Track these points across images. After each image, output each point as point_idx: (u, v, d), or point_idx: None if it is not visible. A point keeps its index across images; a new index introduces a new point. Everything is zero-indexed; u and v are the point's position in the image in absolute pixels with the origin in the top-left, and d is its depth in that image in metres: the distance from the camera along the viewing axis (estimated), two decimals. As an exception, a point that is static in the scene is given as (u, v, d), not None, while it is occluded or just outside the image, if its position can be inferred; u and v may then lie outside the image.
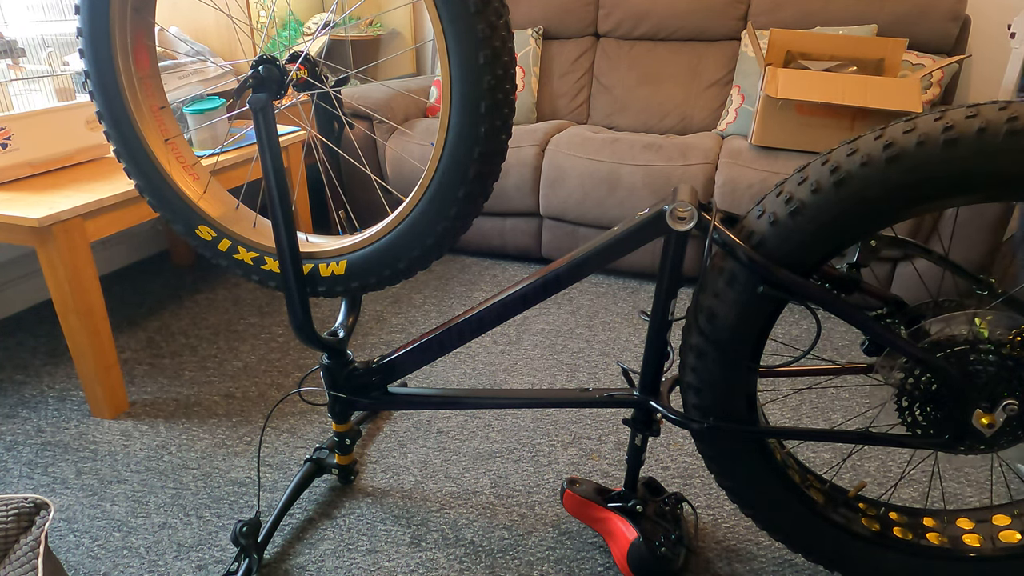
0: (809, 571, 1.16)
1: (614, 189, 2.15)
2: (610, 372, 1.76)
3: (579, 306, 2.12)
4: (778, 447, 1.03)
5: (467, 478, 1.38)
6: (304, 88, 0.99)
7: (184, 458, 1.43)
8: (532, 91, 2.66)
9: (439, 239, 0.96)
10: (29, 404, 1.61)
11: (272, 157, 0.97)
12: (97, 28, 0.98)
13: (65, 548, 1.20)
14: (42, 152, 1.57)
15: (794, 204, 0.83)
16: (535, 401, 1.13)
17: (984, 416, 0.85)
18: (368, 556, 1.18)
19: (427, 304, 2.13)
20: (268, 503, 1.31)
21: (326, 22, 2.57)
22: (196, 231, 1.10)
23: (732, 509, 1.29)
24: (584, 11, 2.69)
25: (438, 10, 0.82)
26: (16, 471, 1.39)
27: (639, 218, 0.94)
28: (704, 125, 2.54)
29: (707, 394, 0.97)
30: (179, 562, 1.17)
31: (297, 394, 1.63)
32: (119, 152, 1.08)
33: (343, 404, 1.20)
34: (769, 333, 0.94)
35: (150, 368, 1.76)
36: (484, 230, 2.43)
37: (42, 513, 0.88)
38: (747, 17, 2.51)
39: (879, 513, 1.04)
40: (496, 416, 1.57)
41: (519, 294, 1.02)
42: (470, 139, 0.87)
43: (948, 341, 0.84)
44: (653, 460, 1.43)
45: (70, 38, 2.03)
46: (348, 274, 1.04)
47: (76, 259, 1.41)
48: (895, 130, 0.78)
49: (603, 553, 1.19)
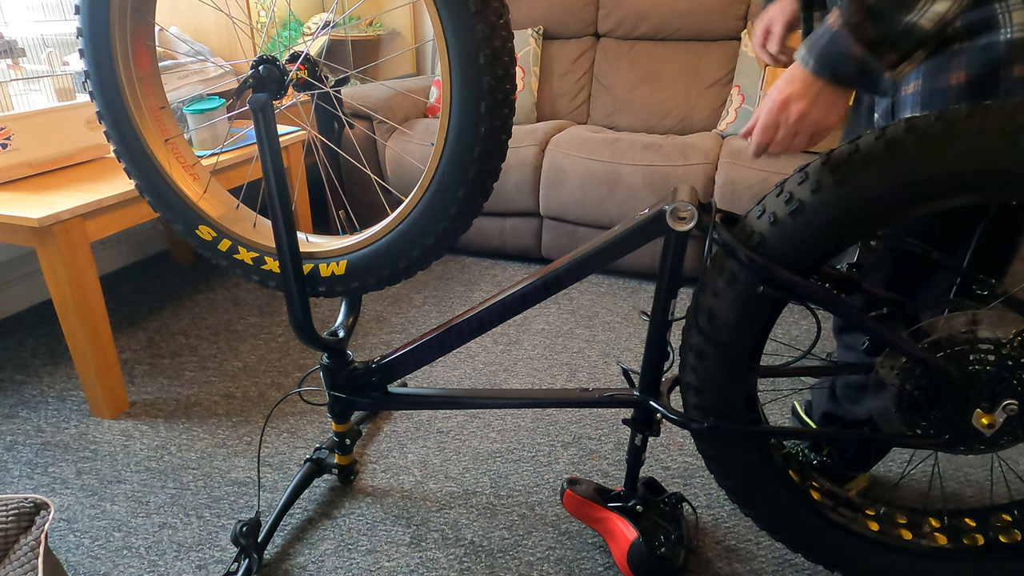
0: (809, 571, 1.16)
1: (614, 189, 2.15)
2: (610, 372, 1.76)
3: (579, 306, 2.12)
4: (778, 447, 1.03)
5: (467, 478, 1.38)
6: (304, 88, 0.99)
7: (184, 458, 1.43)
8: (532, 91, 2.66)
9: (439, 239, 0.96)
10: (29, 404, 1.61)
11: (272, 157, 0.97)
12: (97, 28, 0.98)
13: (65, 548, 1.20)
14: (42, 152, 1.57)
15: (794, 204, 0.82)
16: (535, 401, 1.13)
17: (984, 416, 0.85)
18: (368, 556, 1.18)
19: (427, 304, 2.13)
20: (268, 503, 1.31)
21: (326, 22, 2.57)
22: (196, 231, 1.10)
23: (732, 509, 1.29)
24: (584, 11, 2.69)
25: (438, 10, 0.82)
26: (16, 471, 1.39)
27: (639, 218, 0.93)
28: (704, 125, 2.54)
29: (707, 394, 0.96)
30: (179, 562, 1.17)
31: (297, 394, 1.63)
32: (119, 152, 1.08)
33: (343, 404, 1.20)
34: (769, 333, 0.94)
35: (150, 368, 1.76)
36: (484, 230, 2.43)
37: (42, 513, 0.88)
38: (747, 17, 2.51)
39: (879, 513, 1.04)
40: (496, 416, 1.57)
41: (519, 294, 1.02)
42: (470, 139, 0.87)
43: (948, 341, 0.84)
44: (653, 460, 1.43)
45: (70, 38, 2.03)
46: (348, 274, 1.04)
47: (76, 259, 1.41)
48: (896, 129, 0.78)
49: (603, 553, 1.19)
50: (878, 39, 0.73)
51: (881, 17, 0.72)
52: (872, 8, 0.72)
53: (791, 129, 0.82)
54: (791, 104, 0.81)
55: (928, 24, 0.71)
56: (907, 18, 0.71)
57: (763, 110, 0.85)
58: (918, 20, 0.71)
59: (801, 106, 0.81)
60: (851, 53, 0.75)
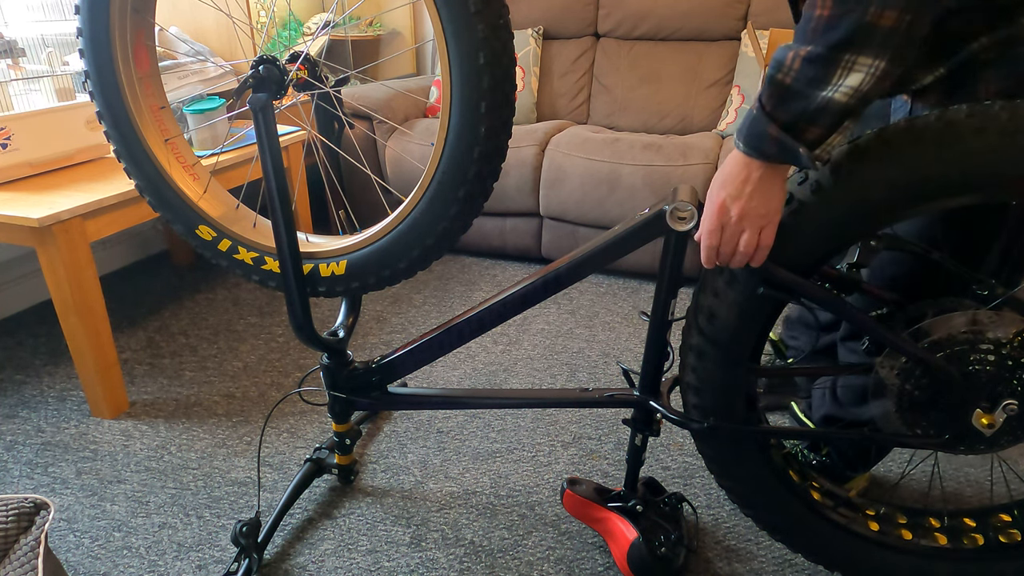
0: (809, 571, 1.16)
1: (614, 189, 2.15)
2: (610, 372, 1.76)
3: (579, 306, 2.12)
4: (778, 447, 1.03)
5: (467, 478, 1.38)
6: (304, 88, 0.99)
7: (184, 458, 1.43)
8: (532, 91, 2.66)
9: (439, 239, 0.96)
10: (29, 404, 1.61)
11: (272, 157, 0.97)
12: (97, 28, 0.98)
13: (65, 548, 1.20)
14: (42, 152, 1.57)
15: (794, 204, 0.83)
16: (535, 401, 1.13)
17: (984, 416, 0.85)
18: (368, 556, 1.18)
19: (427, 304, 2.13)
20: (268, 503, 1.31)
21: (326, 22, 2.57)
22: (196, 231, 1.10)
23: (732, 509, 1.29)
24: (584, 11, 2.69)
25: (438, 10, 0.82)
26: (16, 471, 1.39)
27: (639, 218, 0.93)
28: (704, 125, 2.54)
29: (707, 394, 0.96)
30: (179, 562, 1.17)
31: (297, 394, 1.63)
32: (119, 152, 1.08)
33: (343, 404, 1.19)
34: (769, 333, 0.94)
35: (150, 368, 1.76)
36: (484, 230, 2.43)
37: (42, 513, 0.88)
38: (747, 17, 2.51)
39: (879, 513, 1.04)
40: (496, 416, 1.57)
41: (519, 294, 1.02)
42: (470, 139, 0.87)
43: (948, 341, 0.84)
44: (653, 460, 1.43)
45: (70, 38, 2.03)
46: (348, 274, 1.04)
47: (76, 259, 1.40)
48: (895, 129, 0.78)
49: (603, 553, 1.19)
50: (793, 119, 0.72)
51: (797, 95, 0.71)
52: (788, 88, 0.71)
53: (735, 229, 0.80)
54: (730, 206, 0.79)
55: (843, 98, 0.70)
56: (822, 93, 0.70)
57: (704, 217, 0.83)
58: (832, 95, 0.70)
59: (740, 205, 0.78)
60: (769, 134, 0.74)
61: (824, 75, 0.69)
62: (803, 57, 0.70)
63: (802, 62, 0.70)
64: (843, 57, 0.68)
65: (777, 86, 0.72)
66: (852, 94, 0.70)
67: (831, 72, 0.69)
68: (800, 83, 0.71)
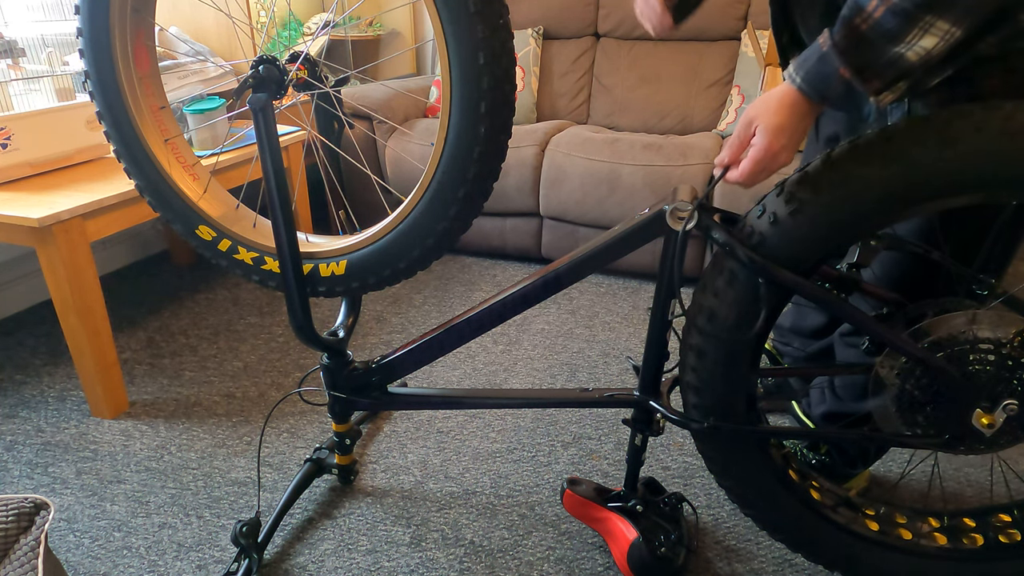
0: (809, 571, 1.16)
1: (614, 189, 2.15)
2: (610, 372, 1.76)
3: (579, 306, 2.12)
4: (778, 447, 1.03)
5: (467, 478, 1.38)
6: (304, 88, 0.99)
7: (184, 458, 1.43)
8: (532, 91, 2.66)
9: (439, 239, 0.96)
10: (29, 404, 1.61)
11: (272, 157, 0.97)
12: (97, 28, 0.98)
13: (65, 548, 1.20)
14: (42, 152, 1.57)
15: (794, 204, 0.82)
16: (535, 401, 1.13)
17: (984, 416, 0.85)
18: (368, 556, 1.18)
19: (427, 304, 2.13)
20: (268, 503, 1.31)
21: (326, 22, 2.57)
22: (196, 231, 1.10)
23: (732, 509, 1.29)
24: (584, 11, 2.69)
25: (438, 10, 0.82)
26: (16, 471, 1.39)
27: (639, 218, 0.94)
28: (704, 125, 2.54)
29: (707, 394, 0.96)
30: (179, 562, 1.17)
31: (297, 394, 1.63)
32: (119, 152, 1.08)
33: (343, 404, 1.20)
34: (769, 333, 0.94)
35: (150, 368, 1.76)
36: (484, 230, 2.43)
37: (42, 513, 0.89)
38: (747, 17, 2.51)
39: (879, 513, 1.04)
40: (496, 416, 1.57)
41: (519, 294, 1.02)
42: (470, 139, 0.87)
43: (948, 341, 0.84)
44: (653, 460, 1.43)
45: (70, 38, 2.03)
46: (348, 274, 1.04)
47: (76, 259, 1.40)
48: (895, 128, 0.78)
49: (603, 553, 1.19)
50: (865, 65, 0.74)
51: (870, 44, 0.72)
52: (863, 35, 0.73)
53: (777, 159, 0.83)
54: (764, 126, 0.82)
55: (914, 57, 0.72)
56: (895, 49, 0.72)
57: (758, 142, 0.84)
58: (905, 52, 0.71)
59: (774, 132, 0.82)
60: (840, 75, 0.75)
61: (901, 31, 0.71)
62: (888, 8, 0.71)
63: (885, 11, 0.71)
64: (924, 17, 0.69)
65: (852, 30, 0.73)
66: (923, 55, 0.71)
67: (909, 29, 0.70)
68: (875, 33, 0.72)
